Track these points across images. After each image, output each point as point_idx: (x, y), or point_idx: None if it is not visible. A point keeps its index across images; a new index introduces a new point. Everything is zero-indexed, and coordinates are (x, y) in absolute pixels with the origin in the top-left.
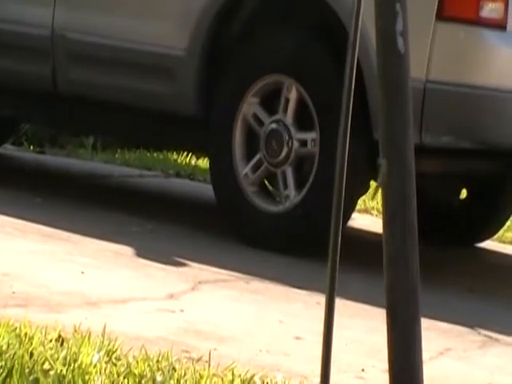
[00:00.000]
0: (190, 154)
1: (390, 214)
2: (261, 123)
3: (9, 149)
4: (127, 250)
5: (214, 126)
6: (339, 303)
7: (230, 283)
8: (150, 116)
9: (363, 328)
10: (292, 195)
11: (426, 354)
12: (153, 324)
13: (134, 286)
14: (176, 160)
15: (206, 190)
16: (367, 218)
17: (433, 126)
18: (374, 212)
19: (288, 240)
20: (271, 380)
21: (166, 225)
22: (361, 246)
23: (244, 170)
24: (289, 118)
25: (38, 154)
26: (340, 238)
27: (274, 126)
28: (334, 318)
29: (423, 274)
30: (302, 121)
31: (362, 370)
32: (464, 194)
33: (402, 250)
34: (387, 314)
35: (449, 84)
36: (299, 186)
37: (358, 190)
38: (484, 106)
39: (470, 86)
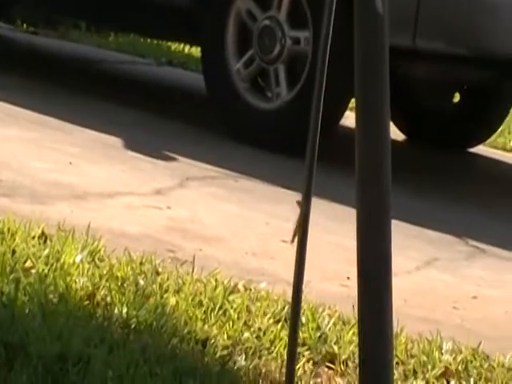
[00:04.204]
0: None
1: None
2: (254, 19)
3: (1, 27)
4: (116, 142)
5: (207, 19)
6: (326, 206)
7: (218, 180)
8: (142, 5)
9: (351, 233)
10: (283, 93)
11: (412, 263)
12: (139, 220)
13: (122, 179)
14: (169, 47)
15: (199, 79)
16: None
17: (426, 29)
18: None
19: (277, 138)
20: (254, 288)
21: (158, 117)
22: (352, 145)
23: (236, 65)
24: (282, 15)
25: (31, 35)
26: (317, 140)
27: (267, 22)
28: (309, 222)
29: (413, 181)
30: (296, 19)
31: (348, 278)
32: (457, 98)
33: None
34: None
35: None
36: (291, 84)
37: (350, 89)
38: (480, 12)
39: None
